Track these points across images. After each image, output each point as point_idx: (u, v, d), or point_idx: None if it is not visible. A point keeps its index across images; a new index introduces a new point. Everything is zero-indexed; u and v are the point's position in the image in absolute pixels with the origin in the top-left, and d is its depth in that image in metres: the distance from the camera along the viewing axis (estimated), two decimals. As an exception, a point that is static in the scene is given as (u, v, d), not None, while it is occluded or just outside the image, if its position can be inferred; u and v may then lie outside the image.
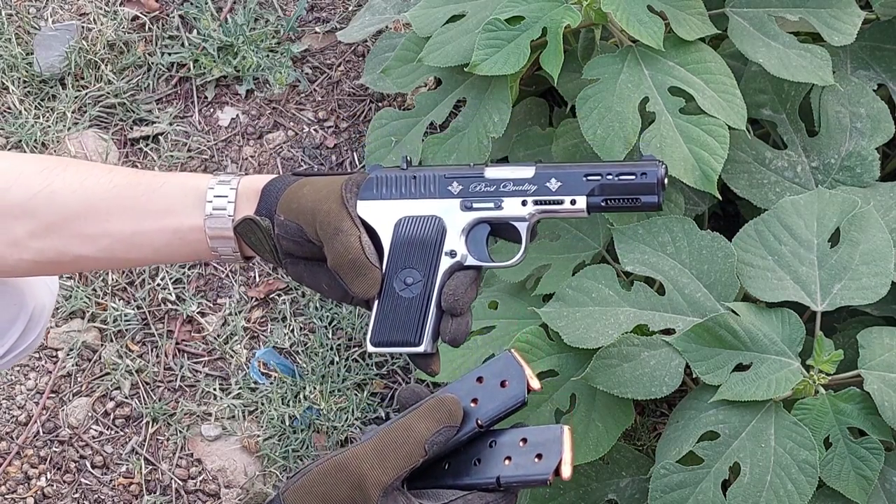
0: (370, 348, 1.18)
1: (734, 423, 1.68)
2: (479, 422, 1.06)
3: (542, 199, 1.18)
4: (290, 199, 1.20)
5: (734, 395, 1.67)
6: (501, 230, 1.22)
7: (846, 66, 1.99)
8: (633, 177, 1.16)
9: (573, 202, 1.17)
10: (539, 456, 1.05)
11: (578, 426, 1.80)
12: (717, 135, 1.80)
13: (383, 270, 1.18)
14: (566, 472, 1.05)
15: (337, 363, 2.31)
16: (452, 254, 1.18)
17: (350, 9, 2.72)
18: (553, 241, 1.99)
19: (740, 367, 1.70)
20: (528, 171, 1.19)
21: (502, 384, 1.07)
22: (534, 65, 1.94)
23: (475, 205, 1.19)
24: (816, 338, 1.68)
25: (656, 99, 1.82)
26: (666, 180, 1.16)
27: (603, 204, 1.17)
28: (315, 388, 2.28)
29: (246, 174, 1.32)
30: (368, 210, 1.19)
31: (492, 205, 1.19)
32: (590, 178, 1.17)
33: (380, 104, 2.59)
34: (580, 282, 1.81)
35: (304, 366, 2.32)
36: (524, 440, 1.06)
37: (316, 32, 2.71)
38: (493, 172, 1.19)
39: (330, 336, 2.35)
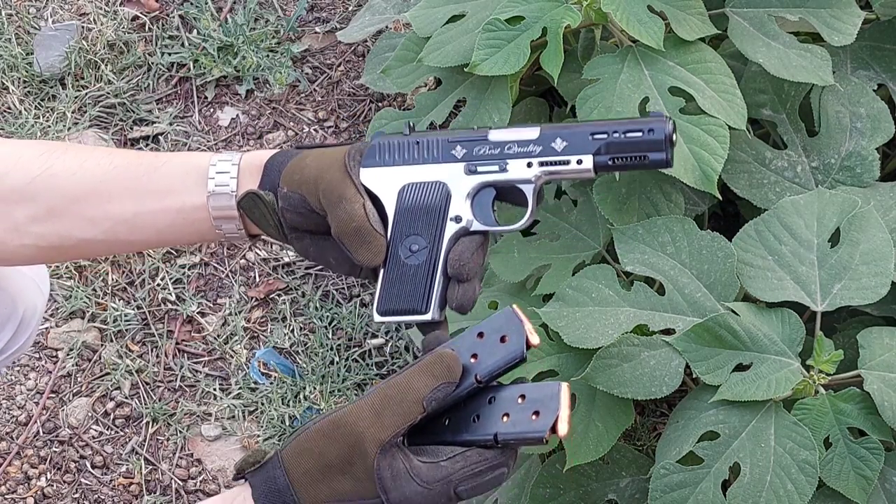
0: (377, 318, 1.17)
1: (734, 423, 1.68)
2: (478, 377, 1.06)
3: (547, 160, 1.15)
4: (293, 171, 1.18)
5: (734, 395, 1.67)
6: (507, 194, 1.19)
7: (846, 66, 1.98)
8: (640, 133, 1.13)
9: (580, 162, 1.15)
10: (536, 413, 1.04)
11: (578, 426, 1.80)
12: (717, 135, 1.80)
13: (388, 238, 1.16)
14: (562, 429, 1.04)
15: (337, 363, 2.32)
16: (458, 219, 1.16)
17: (350, 9, 2.72)
18: (553, 241, 1.99)
19: (740, 367, 1.70)
20: (532, 132, 1.16)
21: (502, 339, 1.07)
22: (534, 65, 1.94)
23: (480, 168, 1.17)
24: (816, 338, 1.68)
25: (656, 99, 1.82)
26: (675, 136, 1.13)
27: (610, 163, 1.14)
28: (315, 388, 2.28)
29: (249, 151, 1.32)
30: (372, 177, 1.18)
31: (496, 168, 1.17)
32: (596, 136, 1.14)
33: (380, 104, 2.59)
34: (580, 282, 1.81)
35: (304, 366, 2.32)
36: (522, 396, 1.06)
37: (316, 32, 2.71)
38: (497, 135, 1.17)
39: (330, 336, 2.35)
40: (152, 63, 2.65)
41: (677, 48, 1.85)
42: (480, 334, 1.08)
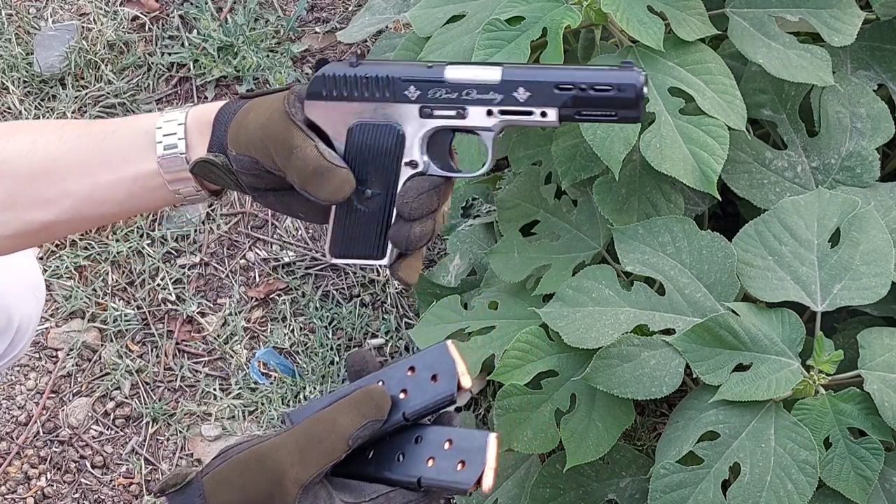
0: (330, 259, 1.12)
1: (734, 423, 1.68)
2: (406, 415, 1.03)
3: (509, 109, 1.08)
4: (237, 131, 1.12)
5: (734, 395, 1.67)
6: (465, 134, 1.13)
7: (846, 67, 1.99)
8: (609, 90, 1.05)
9: (544, 114, 1.07)
10: (462, 463, 1.00)
11: (578, 426, 1.80)
12: (716, 135, 1.80)
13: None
14: (487, 483, 1.00)
15: (337, 363, 2.32)
16: (413, 164, 1.09)
17: (350, 9, 2.72)
18: (553, 241, 1.99)
19: (740, 368, 1.70)
20: (493, 74, 1.07)
21: (433, 378, 1.03)
22: (534, 65, 1.94)
23: (436, 112, 1.09)
24: (816, 338, 1.68)
25: (656, 99, 1.82)
26: (646, 89, 1.06)
27: (577, 116, 1.08)
28: (315, 388, 2.28)
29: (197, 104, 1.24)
30: (318, 112, 1.10)
31: (454, 113, 1.09)
32: (562, 88, 1.06)
33: (380, 104, 2.59)
34: (580, 282, 1.81)
35: (304, 366, 2.32)
36: (450, 441, 1.02)
37: (316, 32, 2.71)
38: (454, 74, 1.08)
39: (330, 336, 2.35)
40: (152, 63, 2.65)
41: (677, 48, 1.85)
42: (412, 368, 1.04)
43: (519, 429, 1.82)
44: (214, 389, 2.31)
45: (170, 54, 2.66)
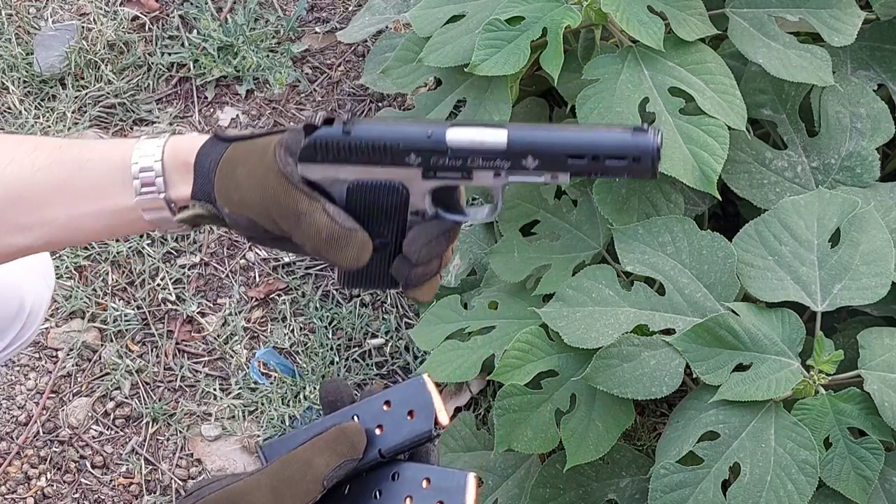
0: (341, 287, 1.11)
1: (734, 423, 1.68)
2: (382, 452, 1.00)
3: (517, 173, 1.02)
4: (227, 188, 1.06)
5: (734, 395, 1.67)
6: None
7: (846, 67, 1.99)
8: (624, 161, 1.00)
9: (554, 177, 1.02)
10: (441, 503, 0.98)
11: (578, 426, 1.80)
12: (716, 135, 1.80)
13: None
14: None
15: (337, 363, 2.31)
16: (420, 213, 1.05)
17: (350, 9, 2.72)
18: (553, 241, 1.99)
19: (740, 367, 1.70)
20: (499, 138, 1.01)
21: (410, 413, 1.00)
22: (534, 65, 1.94)
23: (440, 174, 1.03)
24: (816, 338, 1.68)
25: (656, 99, 1.82)
26: (661, 150, 1.00)
27: (588, 177, 1.04)
28: (315, 389, 2.28)
29: (174, 133, 1.18)
30: (314, 171, 1.04)
31: (459, 175, 1.03)
32: (573, 160, 1.00)
33: (380, 104, 2.59)
34: (580, 282, 1.81)
35: (304, 366, 2.32)
36: (428, 480, 0.99)
37: (316, 32, 2.71)
38: (456, 138, 1.02)
39: (330, 336, 2.35)
40: (152, 63, 2.65)
41: (677, 48, 1.85)
42: (388, 402, 1.00)
43: (519, 429, 1.82)
44: (214, 389, 2.31)
45: (170, 54, 2.66)
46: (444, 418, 1.00)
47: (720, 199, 1.84)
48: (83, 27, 2.69)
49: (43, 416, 2.30)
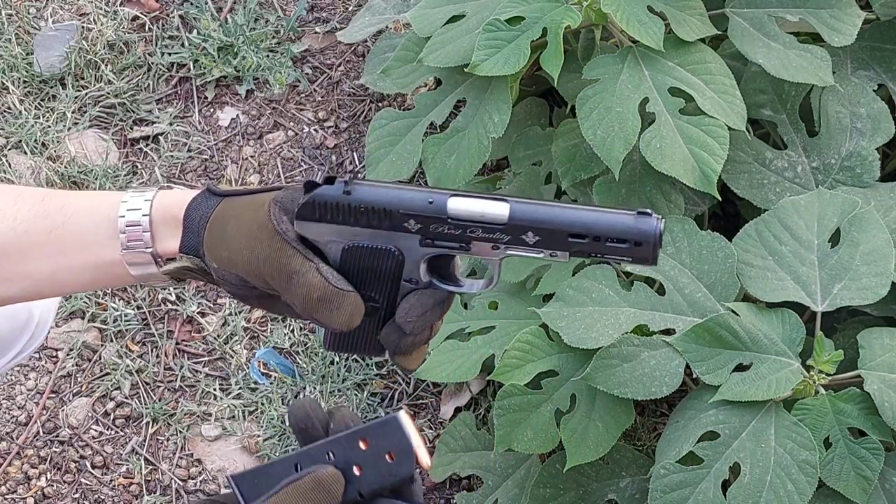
0: (326, 348, 1.08)
1: (734, 423, 1.68)
2: (362, 493, 0.97)
3: (516, 247, 1.01)
4: (217, 245, 1.04)
5: (734, 395, 1.67)
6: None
7: (846, 67, 1.99)
8: (625, 245, 0.98)
9: (553, 255, 1.01)
10: None
11: (578, 426, 1.80)
12: (716, 135, 1.80)
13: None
14: None
15: (337, 363, 2.31)
16: (415, 281, 1.04)
17: (350, 9, 2.72)
18: (553, 241, 1.99)
19: (740, 368, 1.70)
20: (500, 211, 1.00)
21: (389, 455, 0.96)
22: (534, 65, 1.94)
23: (438, 242, 1.02)
24: (816, 338, 1.68)
25: (656, 99, 1.82)
26: (663, 236, 1.01)
27: (586, 257, 1.02)
28: (315, 388, 2.28)
29: (164, 188, 1.15)
30: (309, 230, 1.03)
31: (457, 245, 1.02)
32: (574, 239, 0.99)
33: (380, 104, 2.59)
34: (580, 282, 1.81)
35: (304, 366, 2.32)
36: None
37: (316, 32, 2.71)
38: (457, 207, 1.00)
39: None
40: (152, 63, 2.65)
41: (677, 49, 1.85)
42: (364, 440, 0.97)
43: (519, 429, 1.82)
44: (214, 389, 2.31)
45: (170, 54, 2.66)
46: (425, 459, 0.97)
47: (720, 199, 1.84)
48: (83, 27, 2.69)
49: (43, 416, 2.30)
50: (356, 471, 0.96)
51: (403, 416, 0.97)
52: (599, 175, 1.92)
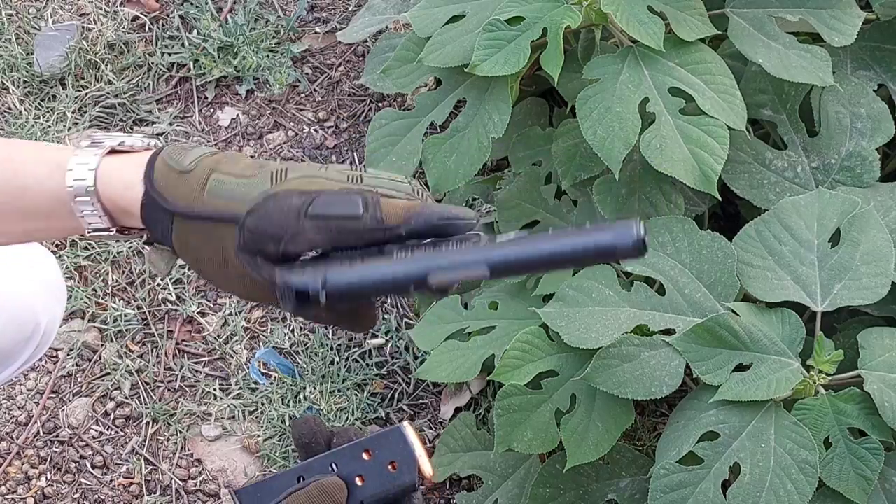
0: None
1: (734, 423, 1.68)
2: (363, 502, 0.99)
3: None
4: (194, 266, 1.04)
5: (734, 395, 1.67)
6: None
7: (846, 67, 1.99)
8: (609, 257, 0.96)
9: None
10: None
11: (578, 426, 1.80)
12: (716, 135, 1.80)
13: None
14: None
15: (337, 363, 2.31)
16: None
17: (350, 9, 2.72)
18: (553, 241, 1.98)
19: (740, 368, 1.70)
20: (480, 273, 0.98)
21: (392, 464, 0.98)
22: (534, 65, 1.94)
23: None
24: (816, 338, 1.68)
25: (656, 99, 1.82)
26: (646, 238, 0.94)
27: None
28: (315, 389, 2.28)
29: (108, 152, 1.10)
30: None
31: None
32: (554, 267, 0.98)
33: (380, 104, 2.59)
34: (580, 282, 1.81)
35: (304, 366, 2.32)
36: None
37: (316, 32, 2.71)
38: (438, 282, 0.98)
39: (330, 336, 2.35)
40: (152, 63, 2.65)
41: (677, 48, 1.85)
42: (367, 451, 0.98)
43: (519, 429, 1.82)
44: (214, 389, 2.31)
45: (170, 54, 2.66)
46: (427, 469, 0.98)
47: (720, 199, 1.84)
48: (83, 27, 2.69)
49: (43, 416, 2.30)
50: (359, 481, 0.98)
51: (407, 427, 0.99)
52: (599, 175, 1.92)
